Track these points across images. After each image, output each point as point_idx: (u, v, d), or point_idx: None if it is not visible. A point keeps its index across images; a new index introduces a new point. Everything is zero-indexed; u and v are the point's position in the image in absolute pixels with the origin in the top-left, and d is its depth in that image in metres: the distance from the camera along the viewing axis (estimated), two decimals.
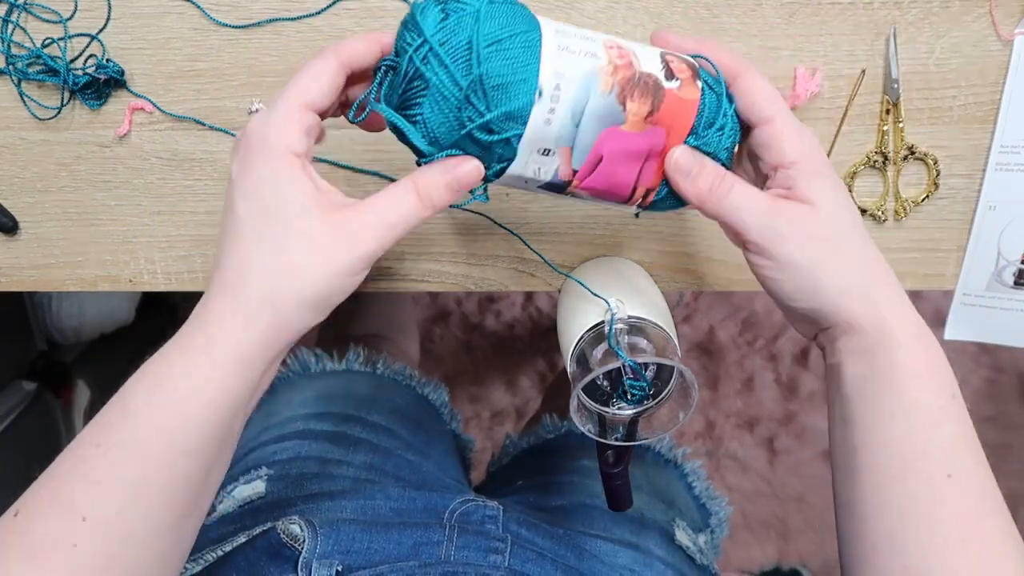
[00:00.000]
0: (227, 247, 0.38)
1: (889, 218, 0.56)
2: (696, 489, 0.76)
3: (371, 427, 0.70)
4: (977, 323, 0.59)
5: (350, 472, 0.64)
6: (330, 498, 0.60)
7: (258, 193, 0.37)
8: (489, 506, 0.59)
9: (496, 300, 1.44)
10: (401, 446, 0.69)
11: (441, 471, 0.71)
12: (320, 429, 0.68)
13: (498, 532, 0.57)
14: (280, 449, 0.67)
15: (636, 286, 0.53)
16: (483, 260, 0.58)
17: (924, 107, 0.53)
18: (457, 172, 0.38)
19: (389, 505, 0.59)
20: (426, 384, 0.80)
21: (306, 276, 0.37)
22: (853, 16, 0.51)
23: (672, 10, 0.51)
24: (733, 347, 1.42)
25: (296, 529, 0.52)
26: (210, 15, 0.52)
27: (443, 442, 0.76)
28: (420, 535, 0.53)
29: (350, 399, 0.72)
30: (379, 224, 0.37)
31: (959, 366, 1.40)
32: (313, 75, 0.37)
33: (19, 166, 0.56)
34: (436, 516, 0.58)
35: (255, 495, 0.61)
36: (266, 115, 0.37)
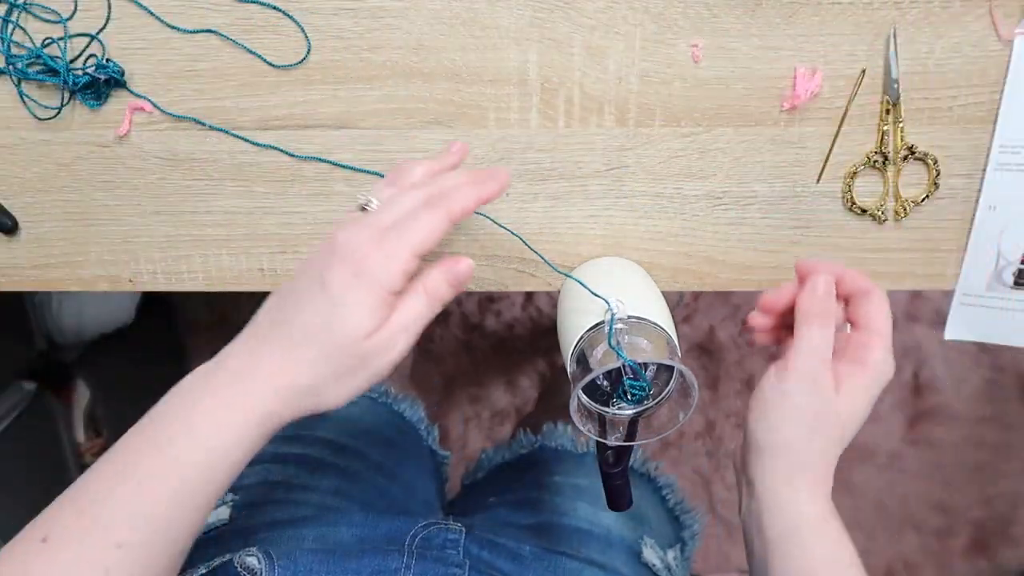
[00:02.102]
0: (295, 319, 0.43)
1: (889, 218, 0.56)
2: (670, 502, 0.76)
3: (340, 450, 0.70)
4: (977, 323, 0.59)
5: (315, 498, 0.64)
6: (292, 526, 0.60)
7: (340, 319, 0.42)
8: (451, 529, 0.59)
9: (496, 300, 1.44)
10: (370, 468, 0.69)
11: (410, 493, 0.71)
12: (289, 452, 0.68)
13: (458, 557, 0.57)
14: (249, 473, 0.65)
15: (636, 286, 0.53)
16: (483, 260, 0.58)
17: (924, 107, 0.53)
18: (456, 271, 0.44)
19: (351, 532, 0.59)
20: (402, 400, 0.79)
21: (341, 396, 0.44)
22: (853, 16, 0.51)
23: (672, 10, 0.51)
24: (733, 347, 1.42)
25: (253, 562, 0.52)
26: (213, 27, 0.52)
27: (417, 460, 0.75)
28: (378, 563, 0.53)
29: (321, 420, 0.71)
30: (403, 331, 0.44)
31: (959, 366, 1.40)
32: (431, 233, 0.43)
33: (19, 166, 0.56)
34: (397, 542, 0.58)
35: (219, 522, 0.61)
36: (388, 264, 0.42)
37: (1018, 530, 1.42)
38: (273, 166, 0.55)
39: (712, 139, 0.54)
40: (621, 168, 0.55)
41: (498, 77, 0.53)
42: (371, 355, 0.43)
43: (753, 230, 0.57)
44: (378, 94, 0.53)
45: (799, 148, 0.54)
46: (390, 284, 0.42)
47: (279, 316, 0.44)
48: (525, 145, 0.55)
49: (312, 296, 0.43)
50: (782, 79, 0.53)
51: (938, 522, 1.42)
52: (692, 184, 0.56)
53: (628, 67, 0.52)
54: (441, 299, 0.45)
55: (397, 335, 0.43)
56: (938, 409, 1.40)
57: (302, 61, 0.53)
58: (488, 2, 0.51)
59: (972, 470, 1.42)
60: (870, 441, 1.41)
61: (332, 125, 0.54)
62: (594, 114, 0.54)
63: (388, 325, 0.43)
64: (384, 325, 0.43)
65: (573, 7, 0.51)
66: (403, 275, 0.43)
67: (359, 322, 0.42)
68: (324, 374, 0.43)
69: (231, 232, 0.57)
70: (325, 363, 0.43)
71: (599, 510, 0.69)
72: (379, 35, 0.52)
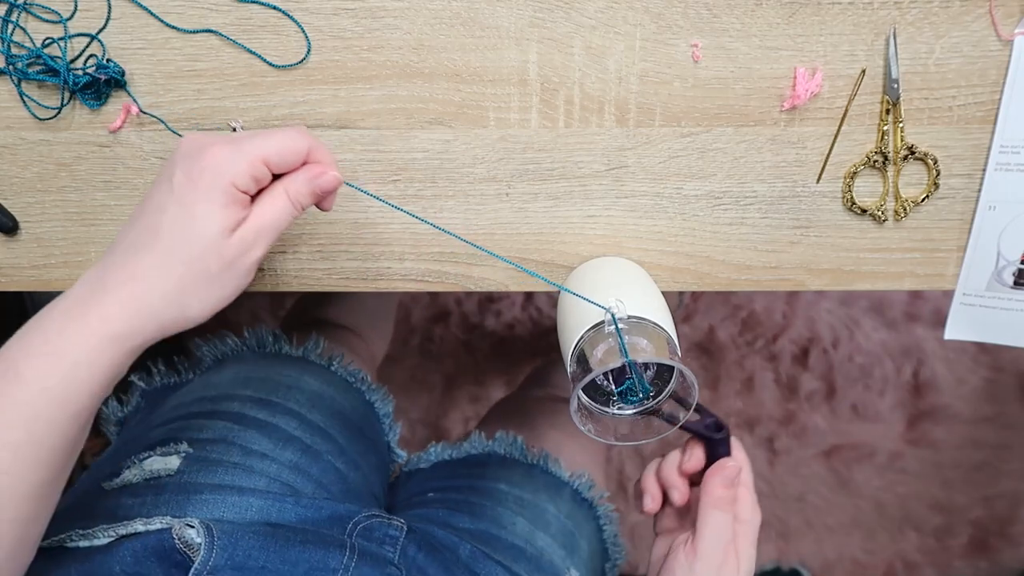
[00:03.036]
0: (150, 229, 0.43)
1: (889, 218, 0.56)
2: (606, 533, 0.76)
3: (308, 426, 0.68)
4: (977, 323, 0.59)
5: (272, 470, 0.63)
6: (239, 493, 0.58)
7: (188, 216, 0.42)
8: (393, 524, 0.59)
9: (496, 300, 1.44)
10: (333, 452, 0.68)
11: (366, 484, 0.70)
12: (254, 416, 0.66)
13: (394, 557, 0.57)
14: (208, 426, 0.64)
15: (636, 286, 0.53)
16: (483, 260, 0.58)
17: (924, 107, 0.53)
18: (321, 180, 0.45)
19: (296, 512, 0.58)
20: (376, 391, 0.78)
21: (207, 303, 0.44)
22: (853, 16, 0.51)
23: (672, 10, 0.51)
24: (733, 347, 1.42)
25: (193, 535, 0.51)
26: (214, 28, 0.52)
27: (377, 455, 0.75)
28: (318, 558, 0.53)
29: (295, 391, 0.70)
30: (262, 232, 0.44)
31: (959, 366, 1.40)
32: (285, 147, 0.44)
33: (19, 166, 0.56)
34: (340, 527, 0.57)
35: (165, 471, 0.60)
36: (233, 156, 0.42)
37: (1018, 530, 1.42)
38: None
39: (712, 139, 0.54)
40: (621, 168, 0.55)
41: (498, 77, 0.53)
42: (232, 257, 0.43)
43: (753, 230, 0.57)
44: (378, 94, 0.53)
45: (799, 148, 0.54)
46: (235, 178, 0.42)
47: (131, 227, 0.43)
48: (525, 145, 0.55)
49: (160, 198, 0.42)
50: (782, 79, 0.53)
51: (938, 522, 1.42)
52: (692, 184, 0.56)
53: (628, 67, 0.53)
54: (302, 205, 0.45)
55: (257, 236, 0.43)
56: (938, 409, 1.40)
57: (302, 61, 0.53)
58: (488, 2, 0.51)
59: (972, 470, 1.42)
60: (870, 441, 1.41)
61: (332, 125, 0.54)
62: (594, 114, 0.54)
63: (246, 224, 0.43)
64: (242, 224, 0.43)
65: (573, 7, 0.51)
66: (249, 174, 0.42)
67: (212, 218, 0.42)
68: (183, 279, 0.42)
69: None
70: (180, 267, 0.42)
71: (536, 529, 0.69)
72: (379, 35, 0.52)
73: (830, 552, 1.43)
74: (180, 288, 0.42)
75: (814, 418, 1.41)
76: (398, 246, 0.58)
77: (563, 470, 0.75)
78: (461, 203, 0.56)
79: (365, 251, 0.58)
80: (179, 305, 0.43)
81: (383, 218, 0.57)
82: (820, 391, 1.41)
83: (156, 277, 0.42)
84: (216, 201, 0.42)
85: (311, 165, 0.45)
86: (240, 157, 0.42)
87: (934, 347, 1.39)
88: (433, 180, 0.56)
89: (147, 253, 0.42)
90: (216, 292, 0.43)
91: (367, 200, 0.56)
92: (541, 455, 0.76)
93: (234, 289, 0.44)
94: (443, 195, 0.56)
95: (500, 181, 0.56)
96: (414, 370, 1.44)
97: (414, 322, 1.44)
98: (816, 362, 1.40)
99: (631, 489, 1.39)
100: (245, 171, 0.42)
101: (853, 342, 1.40)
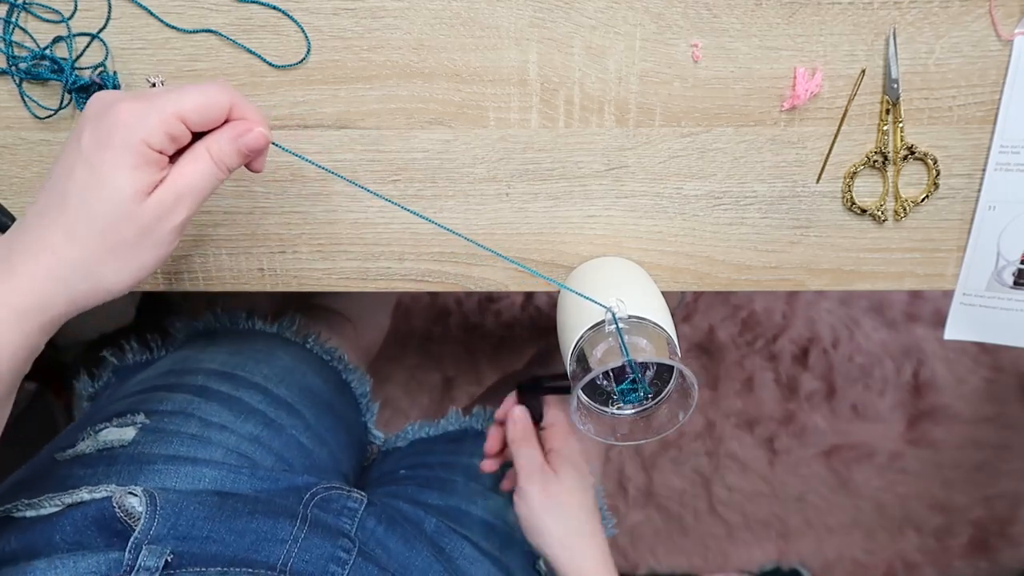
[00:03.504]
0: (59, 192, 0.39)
1: (889, 218, 0.56)
2: None
3: (273, 400, 0.66)
4: (977, 323, 0.59)
5: (231, 441, 0.61)
6: (194, 464, 0.57)
7: (97, 179, 0.39)
8: (352, 496, 0.58)
9: (496, 300, 1.44)
10: (298, 427, 0.66)
11: (333, 461, 0.68)
12: (217, 389, 0.64)
13: (351, 530, 0.55)
14: (169, 399, 0.63)
15: (636, 286, 0.53)
16: (483, 260, 0.58)
17: (924, 107, 0.53)
18: (247, 138, 0.41)
19: (252, 484, 0.57)
20: (352, 371, 0.76)
21: (124, 273, 0.40)
22: (853, 16, 0.51)
23: (672, 10, 0.51)
24: (733, 347, 1.42)
25: (134, 503, 0.49)
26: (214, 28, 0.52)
27: (348, 434, 0.73)
28: (268, 528, 0.51)
29: (264, 366, 0.68)
30: (183, 195, 0.41)
31: (959, 366, 1.40)
32: (205, 102, 0.40)
33: (19, 166, 0.56)
34: (296, 498, 0.56)
35: (120, 442, 0.58)
36: (145, 112, 0.38)
37: (1018, 530, 1.42)
38: (272, 166, 0.55)
39: (712, 139, 0.54)
40: (621, 168, 0.55)
41: (498, 77, 0.53)
42: (149, 223, 0.39)
43: (753, 230, 0.57)
44: (378, 94, 0.53)
45: (799, 148, 0.54)
46: (147, 136, 0.38)
47: (41, 191, 0.40)
48: (525, 145, 0.55)
49: (68, 160, 0.39)
50: (782, 79, 0.53)
51: (938, 522, 1.42)
52: (692, 184, 0.56)
53: (628, 67, 0.52)
54: (227, 166, 0.41)
55: (177, 199, 0.40)
56: (938, 409, 1.40)
57: (302, 61, 0.53)
58: (488, 2, 0.51)
59: (972, 470, 1.42)
60: (870, 441, 1.41)
61: (332, 125, 0.54)
62: (594, 114, 0.54)
63: (164, 186, 0.40)
64: (160, 186, 0.40)
65: (573, 7, 0.51)
66: (163, 131, 0.39)
67: (122, 180, 0.38)
68: (95, 248, 0.39)
69: (231, 232, 0.57)
70: (92, 235, 0.39)
71: (510, 504, 0.68)
72: (379, 35, 0.52)
73: (830, 552, 1.43)
74: (93, 258, 0.39)
75: (814, 418, 1.41)
76: (398, 246, 0.58)
77: None
78: (461, 203, 0.56)
79: (365, 251, 0.58)
80: (93, 277, 0.39)
81: (383, 218, 0.57)
82: (820, 391, 1.40)
83: (65, 247, 0.39)
84: (126, 162, 0.38)
85: (236, 122, 0.41)
86: (152, 113, 0.38)
87: (934, 347, 1.39)
88: (433, 180, 0.56)
89: (55, 221, 0.39)
90: (134, 261, 0.40)
91: (367, 200, 0.56)
92: None
93: (155, 258, 0.41)
94: (443, 195, 0.56)
95: (500, 181, 0.56)
96: (414, 370, 1.44)
97: (414, 322, 1.44)
98: (816, 362, 1.40)
99: (631, 489, 1.39)
100: (158, 128, 0.38)
101: (853, 342, 1.40)
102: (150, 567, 0.46)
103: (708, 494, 1.42)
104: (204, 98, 0.40)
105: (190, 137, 0.41)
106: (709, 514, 1.42)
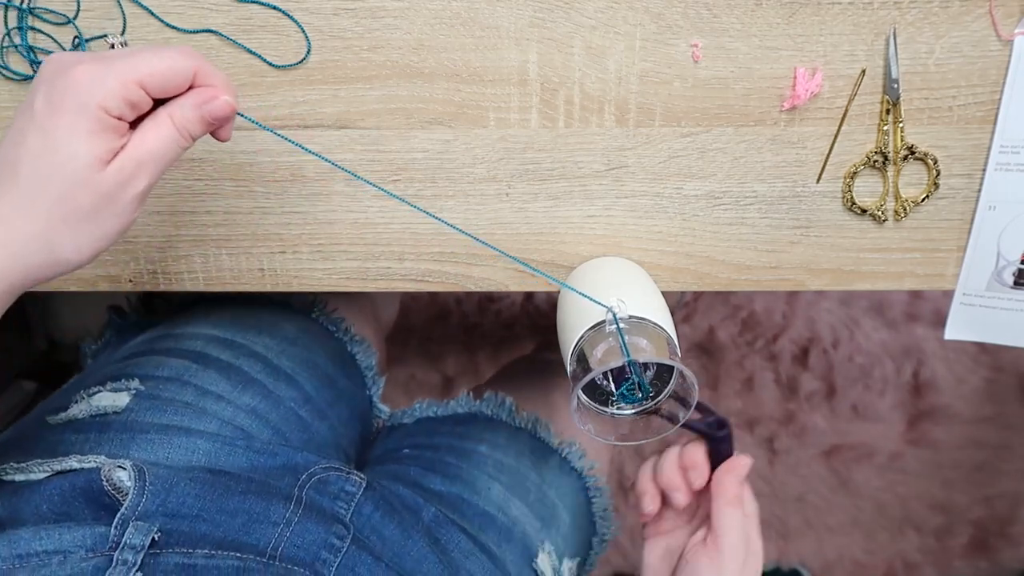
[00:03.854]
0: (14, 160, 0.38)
1: (889, 218, 0.56)
2: (595, 505, 0.73)
3: (273, 371, 0.64)
4: (977, 323, 0.59)
5: (227, 413, 0.59)
6: (187, 435, 0.55)
7: (50, 145, 0.37)
8: (351, 479, 0.56)
9: (496, 300, 1.44)
10: (297, 399, 0.64)
11: (334, 435, 0.66)
12: (216, 356, 0.62)
13: (346, 516, 0.54)
14: (164, 364, 0.61)
15: (636, 286, 0.53)
16: (483, 260, 0.58)
17: (924, 107, 0.53)
18: (212, 105, 0.40)
19: (248, 458, 0.55)
20: (358, 343, 0.74)
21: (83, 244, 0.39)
22: (853, 16, 0.51)
23: (672, 10, 0.51)
24: (733, 347, 1.42)
25: (123, 477, 0.48)
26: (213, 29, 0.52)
27: (351, 407, 0.70)
28: (260, 509, 0.50)
29: (266, 334, 0.66)
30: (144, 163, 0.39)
31: (959, 366, 1.40)
32: (164, 64, 0.38)
33: None
34: (293, 477, 0.54)
35: (113, 408, 0.57)
36: (101, 75, 0.37)
37: (1018, 530, 1.42)
38: (272, 166, 0.55)
39: (712, 139, 0.54)
40: (621, 168, 0.55)
41: (498, 77, 0.53)
42: (109, 190, 0.38)
43: (753, 230, 0.57)
44: (378, 94, 0.53)
45: (799, 148, 0.55)
46: (103, 101, 0.37)
47: None
48: (525, 145, 0.55)
49: (23, 128, 0.38)
50: (782, 79, 0.53)
51: (938, 522, 1.42)
52: (692, 184, 0.56)
53: (628, 67, 0.53)
54: (191, 133, 0.40)
55: (138, 167, 0.39)
56: (938, 409, 1.40)
57: (302, 61, 0.53)
58: (488, 2, 0.51)
59: (972, 470, 1.42)
60: (870, 441, 1.41)
61: (332, 125, 0.54)
62: (594, 114, 0.54)
63: (124, 153, 0.38)
64: (120, 154, 0.38)
65: (573, 7, 0.51)
66: (121, 96, 0.37)
67: (77, 147, 0.37)
68: (49, 219, 0.37)
69: (231, 232, 0.58)
70: (46, 204, 0.37)
71: (512, 497, 0.66)
72: (379, 35, 0.52)
73: (830, 552, 1.43)
74: (48, 228, 0.38)
75: (814, 418, 1.41)
76: (398, 246, 0.58)
77: (552, 436, 0.72)
78: (461, 203, 0.56)
79: (365, 251, 0.58)
80: (49, 248, 0.38)
81: (383, 218, 0.57)
82: (820, 391, 1.41)
83: (17, 218, 0.37)
84: (82, 128, 0.37)
85: (201, 89, 0.40)
86: (110, 76, 0.37)
87: (934, 347, 1.39)
88: (433, 180, 0.56)
89: (7, 191, 0.37)
90: (93, 231, 0.39)
91: (367, 200, 0.56)
92: (530, 419, 0.72)
93: (115, 228, 0.40)
94: (443, 195, 0.56)
95: (500, 181, 0.56)
96: (414, 370, 1.44)
97: (414, 322, 1.44)
98: (816, 362, 1.40)
99: (631, 489, 1.39)
100: (116, 92, 0.37)
101: (853, 342, 1.40)
102: (136, 545, 0.45)
103: None
104: (165, 64, 0.38)
105: (151, 103, 0.39)
106: None
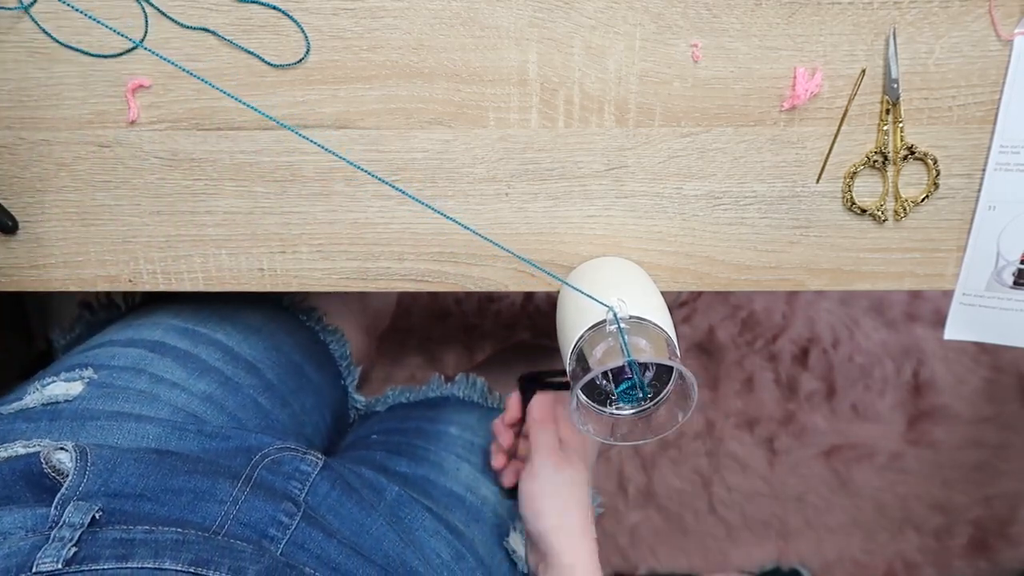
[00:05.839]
0: None
1: (889, 218, 0.56)
2: None
3: (233, 359, 0.64)
4: (977, 323, 0.59)
5: (180, 399, 0.59)
6: (138, 420, 0.55)
7: None
8: (306, 459, 0.56)
9: (496, 300, 1.44)
10: (257, 387, 0.64)
11: (296, 424, 0.66)
12: (173, 345, 0.63)
13: (300, 494, 0.54)
14: (121, 354, 0.61)
15: (636, 286, 0.53)
16: (483, 260, 0.58)
17: (924, 107, 0.53)
18: None
19: (199, 443, 0.55)
20: (331, 332, 0.74)
21: None
22: (853, 16, 0.51)
23: (672, 10, 0.51)
24: (733, 347, 1.42)
25: (63, 459, 0.48)
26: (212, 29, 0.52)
27: (319, 396, 0.70)
28: (206, 487, 0.50)
29: (228, 323, 0.66)
30: None
31: (959, 366, 1.40)
32: None
33: (19, 166, 0.56)
34: (246, 458, 0.54)
35: (65, 396, 0.57)
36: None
37: (1018, 530, 1.42)
38: (272, 166, 0.55)
39: (712, 139, 0.54)
40: (621, 168, 0.55)
41: (498, 77, 0.53)
42: None
43: (752, 230, 0.57)
44: (378, 94, 0.53)
45: (799, 148, 0.54)
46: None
47: None
48: (525, 145, 0.55)
49: None
50: (782, 79, 0.53)
51: (938, 522, 1.42)
52: (692, 184, 0.56)
53: (628, 67, 0.53)
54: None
55: None
56: (938, 409, 1.40)
57: (301, 61, 0.53)
58: (488, 2, 0.51)
59: (972, 470, 1.42)
60: (870, 441, 1.41)
61: (332, 125, 0.54)
62: (594, 114, 0.54)
63: None
64: None
65: (573, 7, 0.51)
66: None
67: None
68: None
69: (231, 232, 0.58)
70: None
71: (482, 477, 0.67)
72: (379, 35, 0.52)
73: (830, 552, 1.43)
74: None
75: (814, 418, 1.41)
76: (398, 246, 0.58)
77: None
78: (461, 203, 0.56)
79: (365, 251, 0.58)
80: None
81: (383, 218, 0.57)
82: (820, 391, 1.40)
83: None
84: None
85: None
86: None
87: (934, 347, 1.39)
88: (433, 180, 0.56)
89: None
90: None
91: (367, 200, 0.56)
92: (502, 399, 0.72)
93: None
94: (443, 195, 0.56)
95: (500, 181, 0.56)
96: (414, 370, 1.44)
97: (414, 322, 1.44)
98: (816, 362, 1.40)
99: (631, 489, 1.39)
100: None
101: (853, 342, 1.40)
102: (74, 523, 0.45)
103: (708, 494, 1.42)
104: None
105: None
106: (709, 514, 1.42)
